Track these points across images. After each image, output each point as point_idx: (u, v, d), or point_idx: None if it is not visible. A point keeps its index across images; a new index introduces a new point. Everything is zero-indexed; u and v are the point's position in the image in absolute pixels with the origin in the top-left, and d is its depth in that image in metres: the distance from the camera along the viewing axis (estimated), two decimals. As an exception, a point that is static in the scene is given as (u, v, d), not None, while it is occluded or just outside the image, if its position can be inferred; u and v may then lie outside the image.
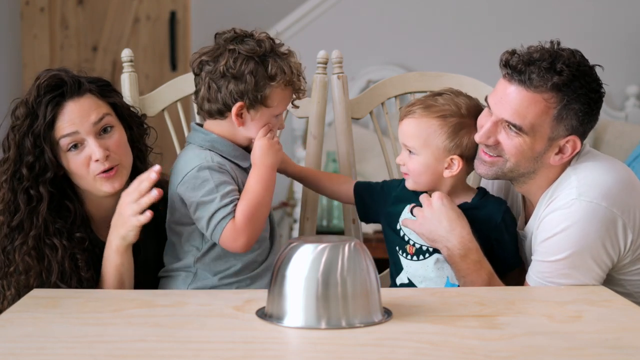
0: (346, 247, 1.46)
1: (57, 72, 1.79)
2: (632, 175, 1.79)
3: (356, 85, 4.25)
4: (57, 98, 1.76)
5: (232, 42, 1.79)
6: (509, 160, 1.76)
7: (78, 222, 1.82)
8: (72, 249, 1.79)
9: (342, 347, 1.35)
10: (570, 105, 1.70)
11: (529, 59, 1.71)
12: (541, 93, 1.70)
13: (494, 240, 1.86)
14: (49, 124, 1.75)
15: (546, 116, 1.71)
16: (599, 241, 1.71)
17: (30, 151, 1.74)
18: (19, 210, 1.76)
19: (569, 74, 1.69)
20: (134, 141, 1.88)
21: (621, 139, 4.00)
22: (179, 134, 2.18)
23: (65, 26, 4.62)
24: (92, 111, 1.78)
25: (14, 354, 1.32)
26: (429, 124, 1.83)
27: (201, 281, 1.82)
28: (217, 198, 1.75)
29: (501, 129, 1.75)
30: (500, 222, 1.86)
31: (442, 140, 1.83)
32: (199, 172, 1.77)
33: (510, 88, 1.72)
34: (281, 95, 1.81)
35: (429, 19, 4.39)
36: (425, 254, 1.87)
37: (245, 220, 1.74)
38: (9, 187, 1.76)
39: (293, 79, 1.81)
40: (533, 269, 1.78)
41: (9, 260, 1.77)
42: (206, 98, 1.82)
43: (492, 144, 1.76)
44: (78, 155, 1.77)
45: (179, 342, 1.37)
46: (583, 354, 1.33)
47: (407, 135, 1.86)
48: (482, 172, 1.82)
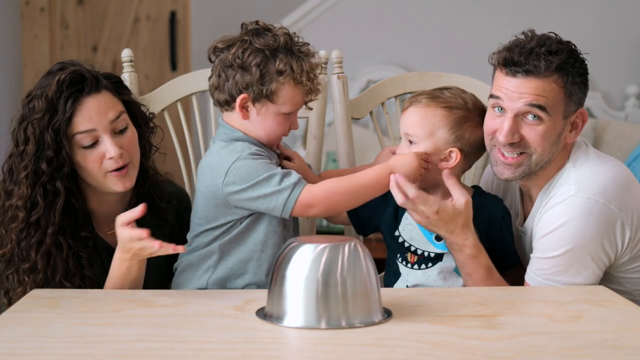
0: (346, 247, 1.46)
1: (77, 68, 1.79)
2: (631, 175, 1.80)
3: (356, 85, 4.26)
4: (75, 94, 1.75)
5: (249, 33, 1.79)
6: (535, 151, 1.76)
7: (81, 219, 1.82)
8: (77, 247, 1.79)
9: (342, 347, 1.35)
10: (574, 80, 1.75)
11: (527, 50, 1.74)
12: (550, 76, 1.73)
13: (496, 239, 1.85)
14: (68, 119, 1.74)
15: (560, 96, 1.74)
16: (597, 238, 1.71)
17: (50, 146, 1.73)
18: (37, 206, 1.75)
19: (565, 51, 1.74)
20: (142, 139, 1.88)
21: (621, 139, 4.00)
22: (179, 134, 2.17)
23: (65, 26, 4.62)
24: (109, 109, 1.78)
25: (14, 354, 1.32)
26: (435, 113, 1.82)
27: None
28: (276, 174, 1.74)
29: (521, 123, 1.76)
30: (500, 219, 1.85)
31: (445, 130, 1.81)
32: (243, 161, 1.75)
33: (518, 81, 1.74)
34: (290, 93, 1.78)
35: (429, 19, 4.39)
36: (428, 262, 1.85)
37: (326, 194, 1.73)
38: (28, 183, 1.74)
39: (302, 78, 1.77)
40: (532, 266, 1.78)
41: (24, 256, 1.76)
42: (215, 86, 1.82)
43: (517, 140, 1.76)
44: (92, 152, 1.76)
45: (179, 342, 1.37)
46: (583, 354, 1.33)
47: (411, 124, 1.83)
48: (509, 176, 1.80)
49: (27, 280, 1.75)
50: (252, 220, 1.81)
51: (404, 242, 1.88)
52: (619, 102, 4.40)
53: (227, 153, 1.78)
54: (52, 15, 4.59)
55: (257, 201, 1.76)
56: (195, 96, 2.17)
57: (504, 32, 1.83)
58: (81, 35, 4.64)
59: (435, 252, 1.85)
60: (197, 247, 1.86)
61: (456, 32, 4.36)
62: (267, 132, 1.81)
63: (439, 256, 1.84)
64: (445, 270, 1.84)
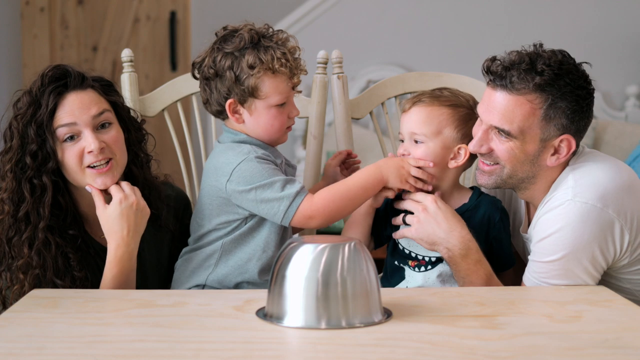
0: (346, 247, 1.46)
1: (63, 65, 1.80)
2: (634, 177, 1.77)
3: (356, 85, 4.26)
4: (59, 88, 1.76)
5: (218, 40, 1.82)
6: (505, 166, 1.76)
7: (69, 219, 1.81)
8: (65, 247, 1.78)
9: (342, 347, 1.35)
10: (557, 104, 1.70)
11: (508, 63, 1.71)
12: (525, 95, 1.70)
13: (493, 239, 1.86)
14: (51, 113, 1.74)
15: (533, 117, 1.71)
16: (594, 243, 1.70)
17: (33, 140, 1.74)
18: (24, 200, 1.75)
19: (550, 73, 1.69)
20: (131, 144, 1.87)
21: (621, 139, 4.00)
22: (179, 134, 2.17)
23: (65, 26, 4.62)
24: (92, 105, 1.78)
25: (14, 354, 1.32)
26: (441, 111, 1.82)
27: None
28: (279, 180, 1.76)
29: (492, 136, 1.76)
30: (498, 220, 1.86)
31: (452, 128, 1.82)
32: (248, 163, 1.77)
33: (495, 94, 1.73)
34: (271, 84, 1.79)
35: (429, 19, 4.39)
36: (428, 265, 1.86)
37: (324, 202, 1.75)
38: (13, 176, 1.75)
39: (276, 65, 1.77)
40: (529, 269, 1.78)
41: (16, 253, 1.76)
42: (204, 101, 1.86)
43: (485, 152, 1.77)
44: (72, 147, 1.76)
45: (179, 342, 1.37)
46: (583, 354, 1.33)
47: (416, 123, 1.83)
48: (483, 182, 1.81)
49: (21, 278, 1.75)
50: (256, 221, 1.83)
51: (403, 249, 1.89)
52: (619, 102, 4.40)
53: (233, 154, 1.80)
54: (52, 15, 4.59)
55: (258, 205, 1.77)
56: (195, 96, 2.16)
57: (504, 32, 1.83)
58: (81, 35, 4.64)
59: (436, 256, 1.85)
60: (200, 246, 1.86)
61: (456, 32, 4.36)
62: (264, 128, 1.82)
63: (440, 259, 1.85)
64: (444, 274, 1.85)
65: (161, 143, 2.00)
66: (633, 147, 3.90)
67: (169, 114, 2.17)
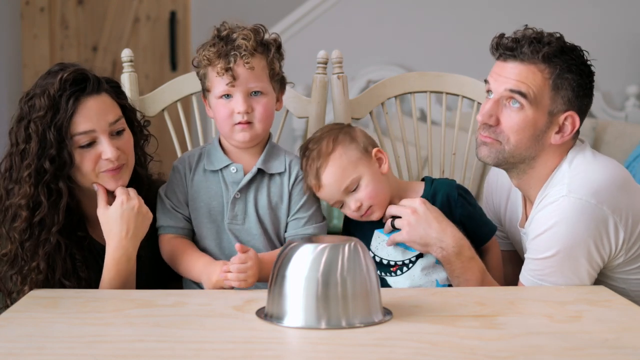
0: (346, 247, 1.46)
1: (80, 68, 1.79)
2: (627, 176, 1.78)
3: (356, 85, 4.25)
4: (77, 93, 1.75)
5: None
6: (509, 142, 1.76)
7: (76, 219, 1.82)
8: (72, 247, 1.79)
9: (342, 347, 1.35)
10: (564, 75, 1.74)
11: (518, 36, 1.77)
12: (535, 64, 1.74)
13: (462, 217, 1.86)
14: (69, 118, 1.74)
15: (544, 86, 1.74)
16: (589, 239, 1.70)
17: (52, 144, 1.72)
18: (40, 205, 1.74)
19: (556, 44, 1.75)
20: (136, 146, 1.88)
21: (621, 139, 4.00)
22: (179, 134, 2.17)
23: (65, 26, 4.62)
24: (109, 111, 1.78)
25: (14, 354, 1.32)
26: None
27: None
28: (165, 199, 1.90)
29: (502, 107, 1.76)
30: (458, 196, 1.87)
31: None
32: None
33: (507, 65, 1.77)
34: (211, 75, 1.84)
35: (429, 19, 4.39)
36: (409, 265, 1.86)
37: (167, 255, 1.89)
38: (31, 182, 1.73)
39: (205, 54, 1.84)
40: (526, 267, 1.79)
41: (28, 257, 1.75)
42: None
43: (493, 123, 1.77)
44: (89, 152, 1.76)
45: (179, 342, 1.37)
46: (583, 354, 1.33)
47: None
48: (484, 155, 1.80)
49: (32, 280, 1.75)
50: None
51: (381, 260, 1.88)
52: (619, 102, 4.40)
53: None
54: (52, 15, 4.59)
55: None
56: (195, 96, 2.16)
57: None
58: (81, 35, 4.64)
59: (415, 255, 1.86)
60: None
61: (456, 32, 4.36)
62: (218, 122, 1.87)
63: (418, 255, 1.86)
64: (427, 266, 1.85)
65: (161, 143, 2.01)
66: (633, 147, 3.90)
67: (169, 114, 2.17)
